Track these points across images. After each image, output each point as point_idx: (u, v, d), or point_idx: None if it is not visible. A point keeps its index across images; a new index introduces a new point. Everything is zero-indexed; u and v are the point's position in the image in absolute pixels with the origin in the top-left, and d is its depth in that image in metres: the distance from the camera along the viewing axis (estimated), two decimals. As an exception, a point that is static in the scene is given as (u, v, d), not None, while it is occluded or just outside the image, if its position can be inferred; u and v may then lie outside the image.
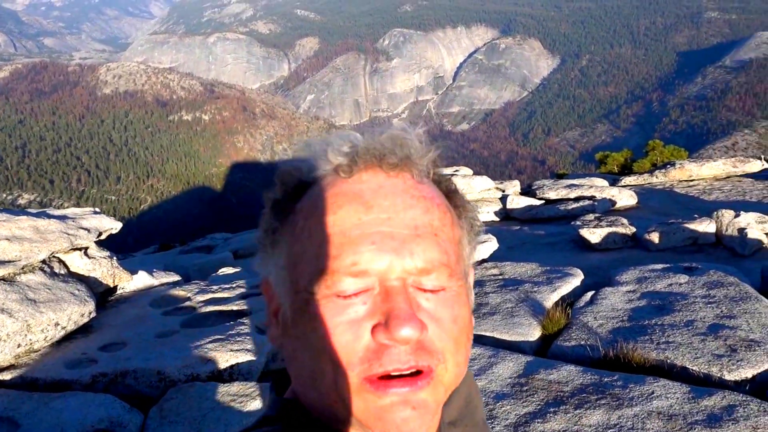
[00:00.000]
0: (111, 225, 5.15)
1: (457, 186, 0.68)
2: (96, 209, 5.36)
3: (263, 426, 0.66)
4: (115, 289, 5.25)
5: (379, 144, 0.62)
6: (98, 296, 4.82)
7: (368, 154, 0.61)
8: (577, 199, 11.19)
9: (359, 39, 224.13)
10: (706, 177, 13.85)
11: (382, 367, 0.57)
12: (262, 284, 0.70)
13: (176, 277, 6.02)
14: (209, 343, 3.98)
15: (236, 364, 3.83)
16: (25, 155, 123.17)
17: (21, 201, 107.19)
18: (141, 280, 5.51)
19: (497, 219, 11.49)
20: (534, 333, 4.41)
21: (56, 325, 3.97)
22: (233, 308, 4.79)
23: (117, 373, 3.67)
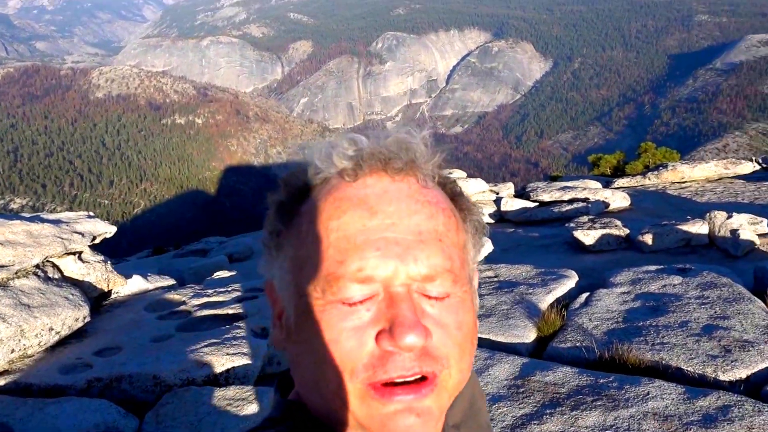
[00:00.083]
0: (105, 229, 5.13)
1: (461, 189, 0.68)
2: (90, 213, 5.34)
3: (268, 428, 0.66)
4: (110, 293, 5.22)
5: (384, 148, 0.62)
6: (92, 301, 4.80)
7: (373, 158, 0.61)
8: (570, 201, 11.24)
9: (352, 42, 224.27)
10: (698, 179, 13.94)
11: (387, 374, 0.57)
12: (266, 287, 0.70)
13: (171, 281, 6.00)
14: (205, 347, 3.97)
15: (232, 368, 3.82)
16: (17, 159, 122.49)
17: (13, 206, 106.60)
18: (135, 284, 5.49)
19: (491, 221, 11.52)
20: (529, 335, 4.42)
21: (50, 329, 3.95)
22: (229, 312, 4.78)
23: (112, 378, 3.65)
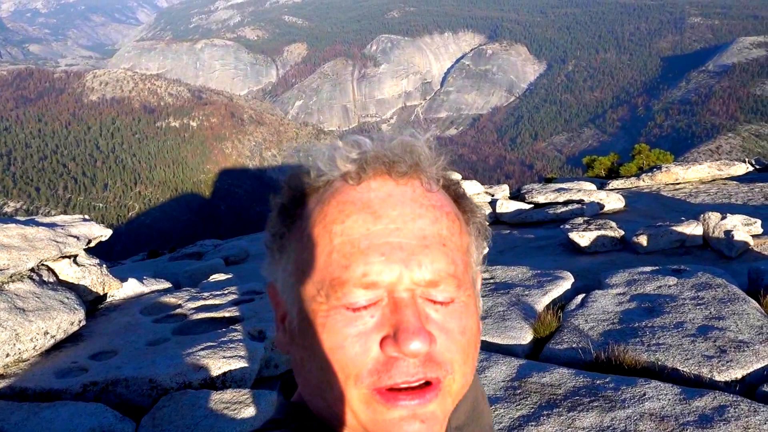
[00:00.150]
0: (101, 232, 5.11)
1: (465, 190, 0.67)
2: (86, 216, 5.32)
3: (271, 429, 0.66)
4: (105, 296, 5.20)
5: (388, 151, 0.61)
6: (88, 304, 4.78)
7: (377, 161, 0.61)
8: (565, 203, 11.27)
9: (347, 45, 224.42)
10: (692, 180, 14.01)
11: (391, 379, 0.57)
12: (269, 289, 0.69)
13: (167, 285, 5.97)
14: (201, 350, 3.96)
15: (229, 371, 3.81)
16: (10, 163, 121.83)
17: (7, 209, 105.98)
18: (131, 288, 5.47)
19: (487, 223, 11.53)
20: (526, 336, 4.43)
21: (45, 333, 3.93)
22: (225, 315, 4.77)
23: (108, 382, 3.64)
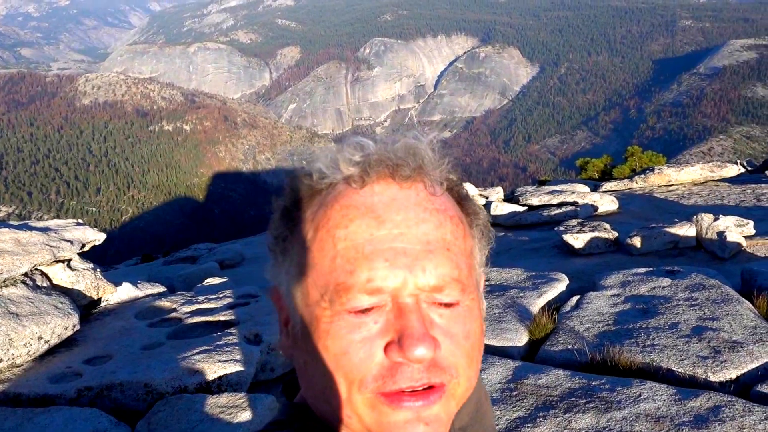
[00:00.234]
0: (94, 236, 5.09)
1: (468, 192, 0.67)
2: (79, 221, 5.29)
3: (274, 430, 0.66)
4: (99, 301, 5.17)
5: (392, 154, 0.61)
6: (82, 309, 4.75)
7: (381, 164, 0.60)
8: (559, 205, 11.31)
9: (340, 48, 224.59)
10: (685, 182, 14.10)
11: (396, 384, 0.57)
12: (272, 292, 0.69)
13: (161, 288, 5.95)
14: (197, 354, 3.94)
15: (225, 375, 3.79)
16: (2, 167, 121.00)
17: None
18: (125, 292, 5.44)
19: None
20: (521, 338, 4.44)
21: (39, 338, 3.91)
22: (221, 318, 4.75)
23: (103, 387, 3.62)
